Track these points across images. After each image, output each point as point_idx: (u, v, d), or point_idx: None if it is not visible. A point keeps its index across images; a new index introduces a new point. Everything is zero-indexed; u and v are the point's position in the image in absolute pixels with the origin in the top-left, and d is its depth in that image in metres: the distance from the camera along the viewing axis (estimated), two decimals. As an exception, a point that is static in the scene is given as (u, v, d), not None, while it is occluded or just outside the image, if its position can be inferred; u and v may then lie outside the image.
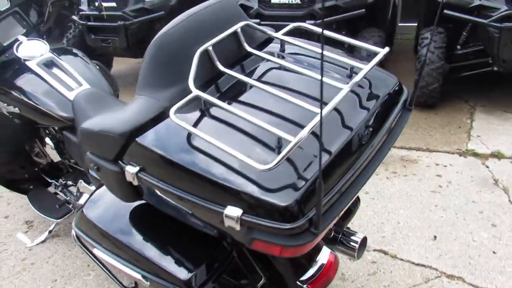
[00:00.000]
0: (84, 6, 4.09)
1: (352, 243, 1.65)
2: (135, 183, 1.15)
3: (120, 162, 1.18)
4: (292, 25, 1.37)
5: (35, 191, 2.41)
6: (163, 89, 1.17)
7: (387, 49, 1.19)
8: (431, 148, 3.02)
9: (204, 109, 1.12)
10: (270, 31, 1.35)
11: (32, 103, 1.88)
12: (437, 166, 2.80)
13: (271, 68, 1.27)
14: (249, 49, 1.28)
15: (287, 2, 3.48)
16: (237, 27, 1.26)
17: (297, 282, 1.42)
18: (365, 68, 1.11)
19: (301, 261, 1.43)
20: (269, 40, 1.39)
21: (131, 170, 1.13)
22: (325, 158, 1.01)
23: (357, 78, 1.07)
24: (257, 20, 3.50)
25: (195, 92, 1.08)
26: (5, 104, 2.04)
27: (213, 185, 0.99)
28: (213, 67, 1.20)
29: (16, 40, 2.03)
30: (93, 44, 4.16)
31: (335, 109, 1.13)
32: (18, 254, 2.31)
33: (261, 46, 1.37)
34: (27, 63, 1.95)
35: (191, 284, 1.23)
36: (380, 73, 1.30)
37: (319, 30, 1.34)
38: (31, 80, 1.93)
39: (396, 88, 1.28)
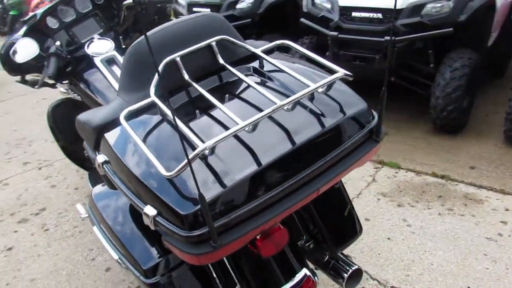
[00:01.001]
0: (184, 11, 4.46)
1: (342, 272, 1.57)
2: (101, 172, 1.27)
3: (96, 152, 1.31)
4: (275, 42, 1.38)
5: (95, 170, 2.72)
6: (133, 93, 1.28)
7: (340, 73, 1.13)
8: (506, 190, 2.62)
9: (161, 114, 1.19)
10: (250, 47, 1.35)
11: (89, 93, 2.15)
12: (506, 212, 2.42)
13: (237, 83, 1.29)
14: (222, 62, 1.31)
15: (368, 16, 3.34)
16: (212, 40, 1.30)
17: (267, 297, 1.40)
18: (307, 89, 1.08)
19: (278, 275, 1.41)
20: (255, 56, 1.39)
21: (98, 160, 1.25)
22: (248, 170, 1.00)
23: (286, 100, 1.04)
24: (335, 33, 3.44)
25: (152, 97, 1.15)
26: (72, 92, 2.36)
27: (141, 184, 1.06)
28: (181, 77, 1.27)
29: (92, 38, 2.33)
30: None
31: (278, 123, 1.10)
32: (72, 222, 2.64)
33: (242, 61, 1.39)
34: (94, 58, 2.23)
35: (149, 275, 1.30)
36: (350, 96, 1.23)
37: (301, 49, 1.32)
38: (92, 74, 2.20)
39: (363, 114, 1.19)
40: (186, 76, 1.25)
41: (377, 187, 2.74)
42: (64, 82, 2.43)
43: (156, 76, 1.19)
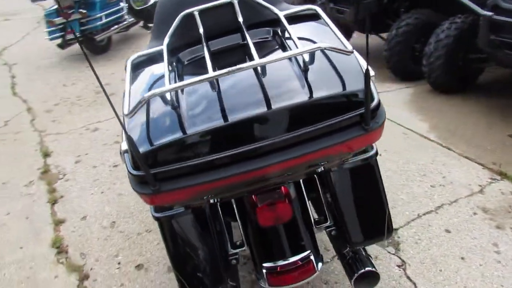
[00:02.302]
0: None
1: (354, 269, 1.44)
2: None
3: None
4: (301, 7, 1.30)
5: None
6: (157, 40, 1.36)
7: (320, 45, 1.02)
8: None
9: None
10: (274, 8, 1.31)
11: None
12: None
13: (246, 45, 1.24)
14: (240, 21, 1.30)
15: (541, -4, 2.69)
16: None
17: (263, 265, 1.40)
18: (283, 54, 1.02)
19: (285, 247, 1.39)
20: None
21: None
22: (206, 126, 0.99)
23: (261, 60, 0.99)
24: (490, 13, 2.88)
25: (163, 46, 1.21)
26: None
27: (121, 121, 1.14)
28: (198, 32, 1.29)
29: None
30: (330, 13, 4.36)
31: (262, 86, 1.06)
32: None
33: (268, 23, 1.34)
34: None
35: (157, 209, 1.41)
36: (352, 74, 1.08)
37: (325, 18, 1.23)
38: None
39: (357, 96, 1.02)
40: (201, 30, 1.27)
41: (481, 199, 2.30)
42: None
43: (172, 27, 1.25)
